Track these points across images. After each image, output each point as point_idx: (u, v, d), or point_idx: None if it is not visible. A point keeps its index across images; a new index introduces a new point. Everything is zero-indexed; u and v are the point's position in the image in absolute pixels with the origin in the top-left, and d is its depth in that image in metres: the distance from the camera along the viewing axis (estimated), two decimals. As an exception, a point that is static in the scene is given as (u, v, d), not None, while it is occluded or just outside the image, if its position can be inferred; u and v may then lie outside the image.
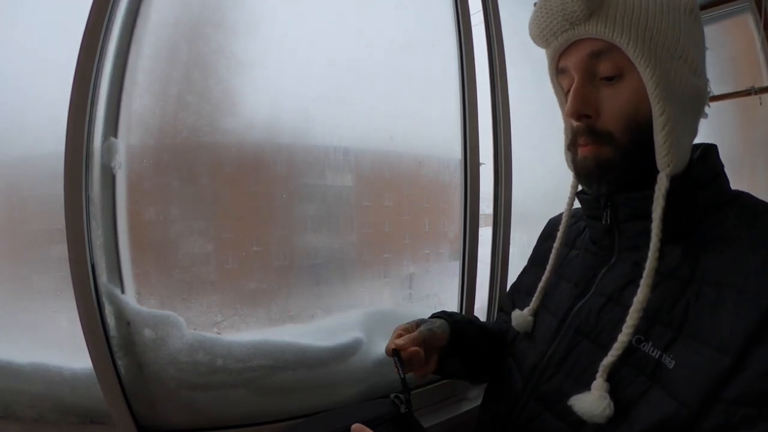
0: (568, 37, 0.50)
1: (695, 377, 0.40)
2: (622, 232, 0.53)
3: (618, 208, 0.52)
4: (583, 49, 0.50)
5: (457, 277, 1.11)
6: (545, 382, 0.54)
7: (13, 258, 0.90)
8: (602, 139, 0.50)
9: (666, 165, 0.46)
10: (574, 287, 0.58)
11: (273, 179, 0.95)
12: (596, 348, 0.50)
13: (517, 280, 0.80)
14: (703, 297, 0.43)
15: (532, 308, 0.63)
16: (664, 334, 0.44)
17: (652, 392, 0.43)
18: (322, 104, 0.96)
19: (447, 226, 1.12)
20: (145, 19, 0.84)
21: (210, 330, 0.87)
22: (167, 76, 0.87)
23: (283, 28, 0.94)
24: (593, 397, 0.44)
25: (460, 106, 1.09)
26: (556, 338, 0.56)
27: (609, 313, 0.51)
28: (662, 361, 0.43)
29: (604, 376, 0.45)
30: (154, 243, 0.87)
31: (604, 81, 0.49)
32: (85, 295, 0.75)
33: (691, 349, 0.41)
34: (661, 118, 0.46)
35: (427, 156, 1.10)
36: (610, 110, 0.49)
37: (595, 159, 0.50)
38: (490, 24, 1.15)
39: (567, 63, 0.52)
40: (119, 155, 0.80)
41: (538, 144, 1.26)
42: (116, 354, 0.79)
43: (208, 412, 0.84)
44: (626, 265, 0.52)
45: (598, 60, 0.49)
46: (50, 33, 0.83)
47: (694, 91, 0.48)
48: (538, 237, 0.79)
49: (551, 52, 0.54)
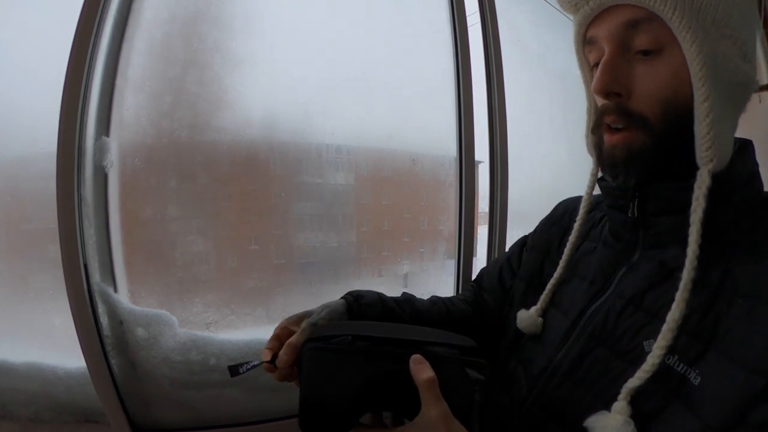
0: (602, 1, 0.43)
1: (723, 398, 0.35)
2: (650, 227, 0.47)
3: (649, 199, 0.46)
4: (618, 16, 0.43)
5: (452, 275, 1.10)
6: (552, 389, 0.49)
7: (7, 258, 0.90)
8: (635, 122, 0.43)
9: (708, 160, 0.40)
10: (590, 285, 0.52)
11: (270, 177, 0.95)
12: (613, 356, 0.44)
13: (512, 256, 0.72)
14: (736, 309, 0.38)
15: (541, 307, 0.56)
16: (692, 348, 0.39)
17: (673, 409, 0.38)
18: (318, 102, 0.95)
19: (443, 224, 1.12)
20: (138, 16, 0.84)
21: (205, 329, 0.87)
22: (161, 73, 0.86)
23: (278, 25, 0.93)
24: (615, 422, 0.39)
25: (457, 103, 1.09)
26: (567, 342, 0.50)
27: (629, 319, 0.45)
28: (687, 377, 0.38)
29: (627, 398, 0.40)
30: (147, 242, 0.87)
31: (640, 55, 0.43)
32: (78, 295, 0.75)
33: (720, 367, 0.36)
34: (705, 105, 0.40)
35: (424, 154, 1.09)
36: (644, 90, 0.43)
37: (626, 148, 0.44)
38: (486, 22, 1.14)
39: (597, 32, 0.46)
40: (111, 154, 0.80)
41: (534, 142, 1.25)
42: (109, 353, 0.79)
43: (201, 411, 0.84)
44: (651, 264, 0.46)
45: (635, 31, 0.42)
46: (41, 33, 0.83)
47: (743, 77, 0.42)
48: (544, 218, 0.70)
49: (580, 17, 0.47)
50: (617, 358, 0.44)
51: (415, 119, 1.07)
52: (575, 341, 0.49)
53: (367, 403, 0.43)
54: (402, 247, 1.10)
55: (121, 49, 0.82)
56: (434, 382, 0.42)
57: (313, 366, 0.43)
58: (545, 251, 0.63)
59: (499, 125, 1.13)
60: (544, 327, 0.55)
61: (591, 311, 0.49)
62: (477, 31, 1.14)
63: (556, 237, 0.62)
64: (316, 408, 0.42)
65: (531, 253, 0.67)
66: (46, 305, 0.86)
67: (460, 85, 1.07)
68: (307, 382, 0.43)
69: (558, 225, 0.64)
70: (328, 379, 0.42)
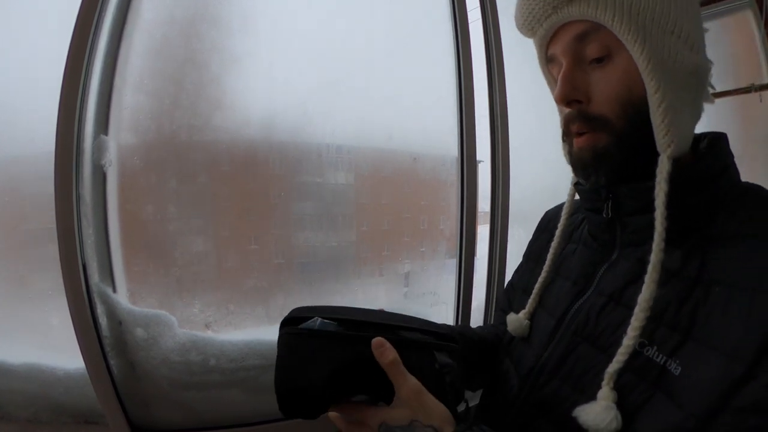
0: (552, 22, 0.48)
1: (704, 386, 0.36)
2: (625, 226, 0.50)
3: (620, 199, 0.49)
4: (569, 32, 0.48)
5: (454, 274, 1.10)
6: (541, 387, 0.51)
7: (6, 258, 0.89)
8: (597, 124, 0.47)
9: (666, 145, 0.43)
10: (573, 285, 0.55)
11: (269, 177, 0.94)
12: (596, 352, 0.47)
13: (513, 277, 0.77)
14: (713, 298, 0.39)
15: (529, 310, 0.60)
16: (670, 338, 0.40)
17: (656, 400, 0.40)
18: (317, 101, 0.95)
19: (444, 224, 1.12)
20: (136, 16, 0.83)
21: (205, 329, 0.86)
22: (160, 73, 0.86)
23: (277, 24, 0.93)
24: (599, 407, 0.41)
25: (458, 102, 1.08)
26: (553, 340, 0.53)
27: (610, 314, 0.47)
28: (667, 367, 0.39)
29: (610, 384, 0.42)
30: (147, 242, 0.86)
31: (594, 64, 0.47)
32: (76, 295, 0.75)
33: (699, 355, 0.38)
34: (657, 95, 0.43)
35: (425, 153, 1.09)
36: (601, 94, 0.46)
37: (592, 149, 0.47)
38: (488, 19, 1.14)
39: (555, 50, 0.50)
40: (110, 153, 0.79)
41: (536, 140, 1.25)
42: (109, 354, 0.79)
43: (201, 412, 0.83)
44: (629, 261, 0.49)
45: (585, 42, 0.46)
46: (40, 32, 0.82)
47: (692, 67, 0.45)
48: (534, 231, 0.76)
49: (538, 40, 0.51)
50: (600, 353, 0.46)
51: (415, 118, 1.06)
52: (560, 340, 0.52)
53: (340, 387, 0.44)
54: (402, 246, 1.10)
55: (120, 48, 0.82)
56: (397, 362, 0.44)
57: (286, 351, 0.44)
58: (538, 259, 0.66)
59: (500, 124, 1.12)
60: (532, 327, 0.59)
61: (574, 310, 0.52)
62: (478, 29, 1.14)
63: (546, 243, 0.65)
64: (291, 393, 0.43)
65: (528, 264, 0.71)
66: (45, 306, 0.85)
67: (461, 84, 1.07)
68: (281, 368, 0.43)
69: (546, 231, 0.68)
70: (300, 364, 0.43)
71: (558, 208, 0.70)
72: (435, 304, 1.10)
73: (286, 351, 0.44)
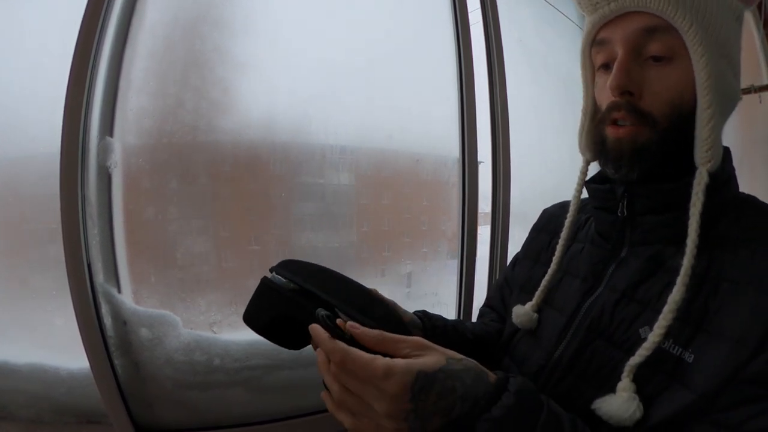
0: (621, 5, 0.46)
1: (713, 369, 0.39)
2: (637, 226, 0.50)
3: (637, 199, 0.49)
4: (636, 21, 0.46)
5: (455, 275, 1.10)
6: (555, 386, 0.50)
7: (10, 258, 0.89)
8: (643, 120, 0.47)
9: (707, 160, 0.45)
10: (582, 282, 0.55)
11: (271, 178, 0.95)
12: (611, 347, 0.47)
13: (507, 275, 0.75)
14: (722, 292, 0.42)
15: (536, 303, 0.59)
16: (684, 330, 0.42)
17: (671, 388, 0.41)
18: (319, 102, 0.95)
19: (445, 225, 1.12)
20: (141, 18, 0.84)
21: (209, 329, 0.86)
22: (164, 75, 0.86)
23: (279, 26, 0.93)
24: (621, 399, 0.42)
25: (459, 104, 1.09)
26: (565, 338, 0.52)
27: (624, 310, 0.48)
28: (683, 357, 0.42)
29: (630, 376, 0.43)
30: (151, 242, 0.86)
31: (651, 61, 0.46)
32: (81, 295, 0.75)
33: (710, 343, 0.41)
34: (708, 111, 0.44)
35: (426, 154, 1.09)
36: (655, 92, 0.46)
37: (632, 141, 0.47)
38: (489, 21, 1.15)
39: (611, 35, 0.48)
40: (115, 154, 0.80)
41: (536, 142, 1.25)
42: (113, 354, 0.79)
43: (205, 412, 0.84)
44: (639, 260, 0.49)
45: (651, 37, 0.46)
46: (45, 33, 0.83)
47: (733, 93, 0.47)
48: (531, 228, 0.75)
49: (596, 18, 0.49)
50: (615, 348, 0.47)
51: (416, 119, 1.07)
52: (574, 336, 0.51)
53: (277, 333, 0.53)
54: (403, 246, 1.10)
55: (125, 50, 0.82)
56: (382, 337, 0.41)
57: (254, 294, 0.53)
58: (535, 258, 0.66)
59: (501, 125, 1.13)
60: (539, 325, 0.58)
61: (586, 306, 0.52)
62: (479, 30, 1.14)
63: (545, 242, 0.65)
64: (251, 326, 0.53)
65: (523, 263, 0.70)
66: (49, 305, 0.85)
67: (463, 86, 1.08)
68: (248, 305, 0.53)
69: (545, 231, 0.68)
70: (256, 305, 0.53)
71: (557, 207, 0.70)
72: (436, 305, 1.11)
73: (255, 293, 0.53)
